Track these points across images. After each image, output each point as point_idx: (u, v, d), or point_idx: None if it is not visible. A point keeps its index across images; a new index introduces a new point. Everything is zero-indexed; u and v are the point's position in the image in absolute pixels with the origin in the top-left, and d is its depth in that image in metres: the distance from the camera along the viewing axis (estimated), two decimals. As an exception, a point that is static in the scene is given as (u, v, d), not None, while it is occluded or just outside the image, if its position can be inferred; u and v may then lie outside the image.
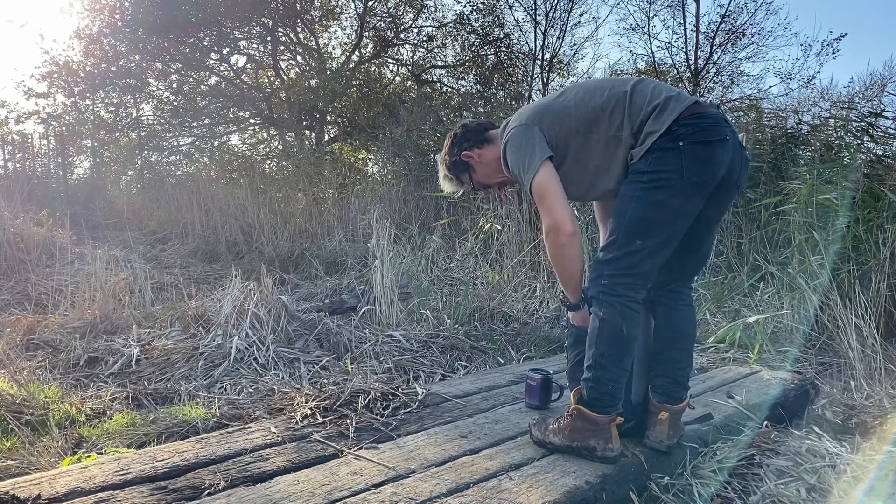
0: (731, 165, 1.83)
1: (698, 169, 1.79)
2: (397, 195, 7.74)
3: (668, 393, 1.97)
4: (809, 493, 1.77)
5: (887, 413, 2.63)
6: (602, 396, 1.84)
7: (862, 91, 9.26)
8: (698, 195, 1.81)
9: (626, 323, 1.82)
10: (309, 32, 13.46)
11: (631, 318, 1.84)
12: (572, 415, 1.89)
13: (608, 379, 1.84)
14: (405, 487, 1.65)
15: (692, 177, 1.78)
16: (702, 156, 1.79)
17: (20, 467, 1.98)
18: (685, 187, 1.79)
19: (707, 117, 1.81)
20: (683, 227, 1.85)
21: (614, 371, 1.84)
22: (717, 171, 1.81)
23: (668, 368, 1.99)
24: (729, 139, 1.81)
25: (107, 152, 12.98)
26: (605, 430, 1.85)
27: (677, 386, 1.98)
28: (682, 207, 1.81)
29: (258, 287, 3.78)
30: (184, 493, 1.59)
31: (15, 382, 2.72)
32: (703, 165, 1.79)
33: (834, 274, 3.74)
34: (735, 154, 1.83)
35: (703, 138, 1.79)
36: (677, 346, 1.99)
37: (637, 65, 14.02)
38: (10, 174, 9.95)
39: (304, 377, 3.13)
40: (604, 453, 1.84)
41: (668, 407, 1.96)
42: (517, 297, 4.79)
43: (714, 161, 1.80)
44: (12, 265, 5.36)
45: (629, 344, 1.85)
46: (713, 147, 1.80)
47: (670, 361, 1.99)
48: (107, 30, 11.53)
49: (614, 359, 1.84)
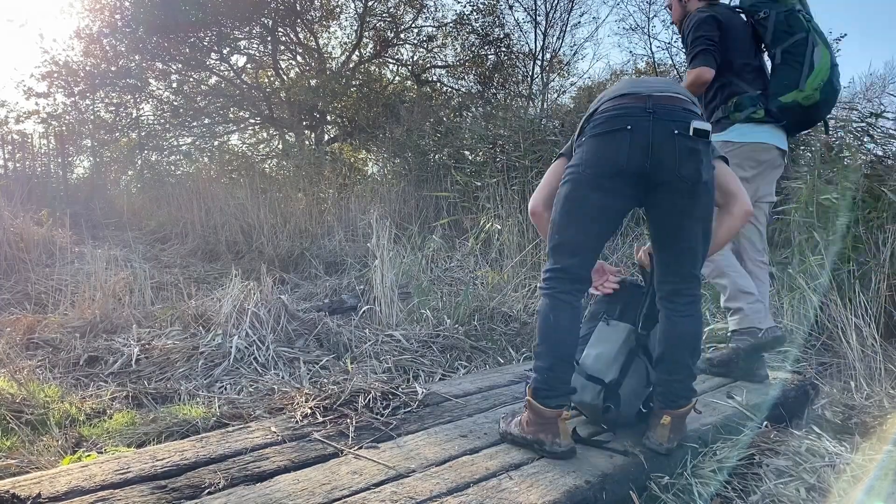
0: (655, 157, 1.79)
1: (591, 161, 1.85)
2: (397, 195, 7.74)
3: (668, 398, 1.98)
4: (809, 493, 1.77)
5: (887, 413, 2.64)
6: (539, 386, 1.88)
7: (862, 91, 9.26)
8: (599, 188, 1.85)
9: (553, 312, 1.88)
10: (309, 32, 13.46)
11: (558, 309, 1.89)
12: (526, 407, 1.94)
13: (543, 368, 1.88)
14: (405, 487, 1.65)
15: (586, 169, 1.86)
16: (594, 148, 1.86)
17: (20, 466, 1.98)
18: (583, 180, 1.87)
19: (616, 109, 1.85)
20: (599, 219, 1.90)
21: (547, 359, 1.88)
22: (612, 162, 1.82)
23: (668, 374, 1.99)
24: (630, 129, 1.79)
25: (107, 152, 12.97)
26: (552, 424, 1.87)
27: (678, 391, 1.98)
28: (586, 200, 1.87)
29: (258, 287, 3.78)
30: (184, 492, 1.59)
31: (15, 382, 2.72)
32: (595, 157, 1.85)
33: (834, 274, 3.74)
34: (655, 145, 1.78)
35: (599, 130, 1.86)
36: (678, 352, 1.98)
37: (637, 65, 14.02)
38: (10, 174, 9.94)
39: (304, 377, 3.13)
40: (551, 448, 1.86)
41: (668, 411, 1.96)
42: (517, 297, 4.79)
43: (604, 153, 1.83)
44: (12, 265, 5.36)
45: (558, 333, 1.89)
46: (604, 138, 1.84)
47: (671, 367, 1.98)
48: (107, 30, 11.52)
49: (546, 348, 1.89)
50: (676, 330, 1.98)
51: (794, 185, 4.36)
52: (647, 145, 1.79)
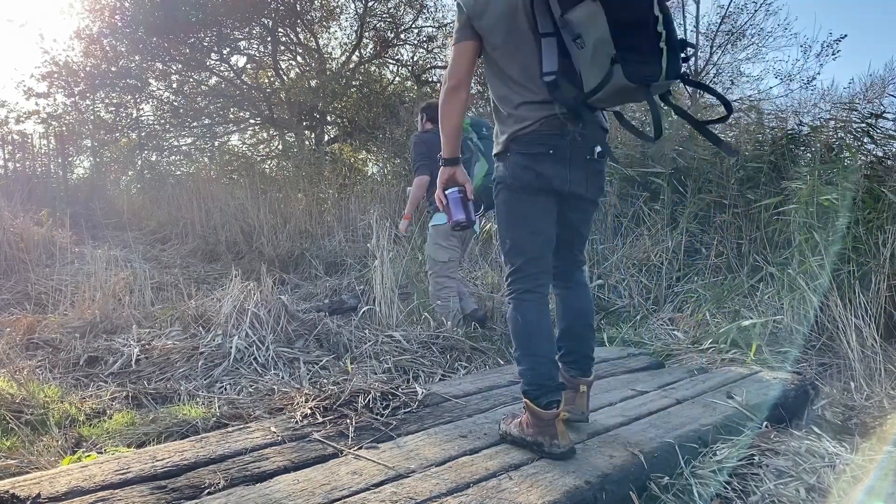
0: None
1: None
2: (397, 195, 7.73)
3: (580, 366, 2.13)
4: (809, 494, 1.77)
5: (887, 413, 2.64)
6: (528, 387, 1.93)
7: (862, 92, 9.26)
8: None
9: (519, 313, 1.97)
10: (309, 33, 13.45)
11: (523, 308, 1.97)
12: (524, 409, 1.98)
13: (526, 370, 1.94)
14: (405, 487, 1.65)
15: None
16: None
17: (20, 466, 1.98)
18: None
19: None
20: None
21: (527, 361, 1.94)
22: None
23: (575, 345, 2.14)
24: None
25: (107, 152, 12.96)
26: (549, 426, 1.90)
27: (586, 359, 2.15)
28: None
29: (258, 287, 3.77)
30: (184, 492, 1.59)
31: (15, 382, 2.71)
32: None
33: (834, 275, 3.74)
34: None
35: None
36: (579, 323, 2.15)
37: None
38: (10, 174, 9.93)
39: (304, 377, 3.13)
40: (550, 449, 1.89)
41: (584, 380, 2.12)
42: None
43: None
44: (12, 265, 5.36)
45: (529, 331, 1.96)
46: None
47: (576, 338, 2.14)
48: (107, 30, 11.51)
49: (523, 350, 1.95)
50: (573, 303, 2.16)
51: (794, 185, 4.36)
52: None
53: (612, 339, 4.02)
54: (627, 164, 5.59)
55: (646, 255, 5.07)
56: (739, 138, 5.76)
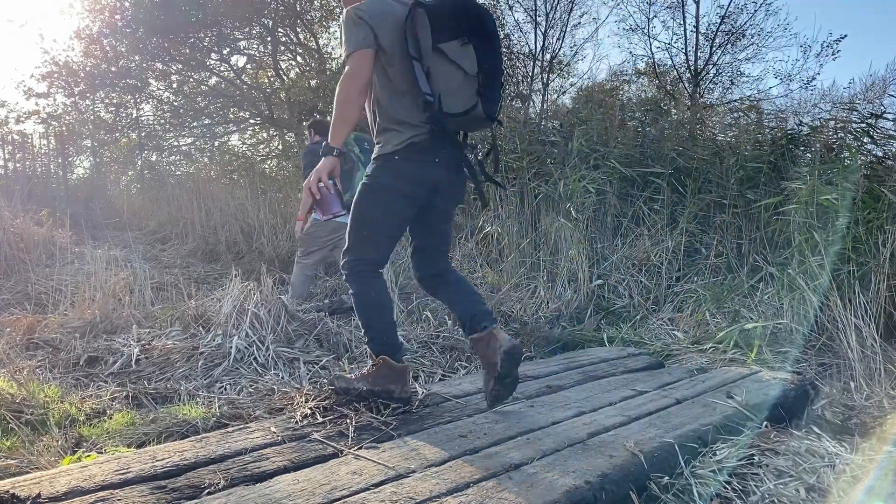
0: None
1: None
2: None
3: (488, 317, 2.35)
4: (809, 493, 1.77)
5: (887, 413, 2.64)
6: (384, 349, 2.30)
7: (863, 92, 9.26)
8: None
9: (370, 290, 2.32)
10: (309, 33, 13.45)
11: (369, 285, 2.32)
12: (378, 365, 2.29)
13: (380, 334, 2.32)
14: (405, 487, 1.65)
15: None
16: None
17: (20, 466, 1.98)
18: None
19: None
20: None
21: (380, 326, 2.34)
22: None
23: (473, 305, 2.38)
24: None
25: (107, 152, 12.96)
26: (402, 375, 2.30)
27: (486, 313, 2.37)
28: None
29: (258, 287, 3.77)
30: (184, 492, 1.59)
31: (15, 382, 2.71)
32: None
33: (834, 275, 3.74)
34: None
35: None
36: (463, 292, 2.44)
37: (637, 65, 14.03)
38: (10, 174, 9.94)
39: (303, 377, 3.13)
40: (400, 395, 2.27)
41: (495, 327, 2.32)
42: (517, 298, 4.80)
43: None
44: (12, 265, 5.35)
45: (381, 302, 2.34)
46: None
47: (468, 303, 2.40)
48: (107, 30, 11.50)
49: (376, 318, 2.34)
50: (454, 286, 2.46)
51: (794, 185, 4.36)
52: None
53: (612, 338, 4.02)
54: (627, 164, 5.59)
55: (646, 255, 5.07)
56: (739, 138, 5.76)
